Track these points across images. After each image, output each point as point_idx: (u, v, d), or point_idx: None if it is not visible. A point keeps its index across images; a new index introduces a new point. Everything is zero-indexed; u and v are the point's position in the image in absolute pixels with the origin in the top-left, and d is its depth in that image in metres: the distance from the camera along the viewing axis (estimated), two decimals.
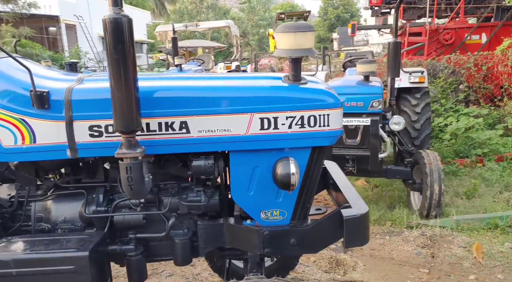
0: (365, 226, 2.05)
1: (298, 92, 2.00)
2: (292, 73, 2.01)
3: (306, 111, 1.97)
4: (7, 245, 1.85)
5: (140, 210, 2.11)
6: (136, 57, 1.76)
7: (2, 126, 1.87)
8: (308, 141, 2.01)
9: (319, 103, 1.98)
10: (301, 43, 1.92)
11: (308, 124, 1.98)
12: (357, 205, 2.12)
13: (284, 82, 2.03)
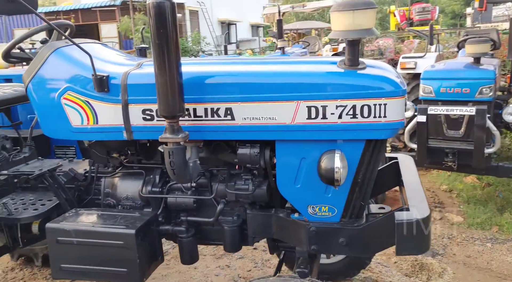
0: (423, 232, 1.80)
1: (351, 78, 1.81)
2: (348, 57, 1.83)
3: (359, 100, 1.78)
4: (72, 216, 2.06)
5: (191, 193, 2.16)
6: (179, 42, 1.77)
7: (72, 107, 2.05)
8: (360, 133, 1.82)
9: (374, 91, 1.77)
10: (359, 23, 1.73)
11: (361, 114, 1.79)
12: (417, 207, 1.87)
13: (339, 67, 1.86)
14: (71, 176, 2.33)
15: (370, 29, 1.76)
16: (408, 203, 1.93)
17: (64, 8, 20.96)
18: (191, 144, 2.02)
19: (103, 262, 1.96)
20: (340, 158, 1.76)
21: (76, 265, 1.99)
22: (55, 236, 1.97)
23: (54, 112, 2.07)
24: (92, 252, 1.96)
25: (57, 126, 2.10)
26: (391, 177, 2.47)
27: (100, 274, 1.98)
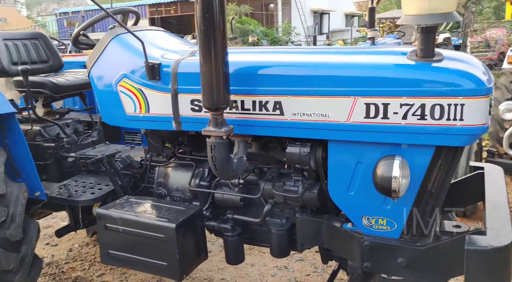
0: (499, 263, 1.47)
1: (420, 72, 1.54)
2: (421, 47, 1.55)
3: (429, 98, 1.50)
4: (122, 204, 2.07)
5: (238, 191, 2.03)
6: (226, 29, 1.64)
7: (127, 95, 2.04)
8: (429, 138, 1.54)
9: (449, 88, 1.47)
10: (436, 6, 1.45)
11: (431, 115, 1.51)
12: (496, 231, 1.54)
13: (409, 59, 1.58)
14: (127, 163, 2.35)
15: (450, 13, 1.47)
16: (487, 225, 1.60)
17: (166, 0, 22.11)
18: (238, 139, 1.89)
19: (146, 253, 1.93)
20: (400, 166, 1.50)
21: (121, 252, 1.99)
22: (104, 222, 1.99)
23: (111, 99, 2.09)
24: (136, 242, 1.94)
25: (113, 112, 2.12)
26: (474, 190, 2.10)
27: (143, 265, 1.96)
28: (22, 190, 2.09)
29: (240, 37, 14.15)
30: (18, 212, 2.03)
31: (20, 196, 2.06)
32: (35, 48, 2.73)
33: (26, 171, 2.22)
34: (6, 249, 1.96)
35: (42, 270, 3.18)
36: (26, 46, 2.69)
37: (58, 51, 2.89)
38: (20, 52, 2.65)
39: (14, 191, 2.06)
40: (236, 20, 17.17)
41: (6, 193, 2.00)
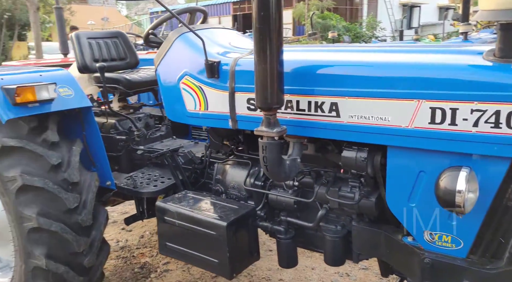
0: None
1: (496, 74, 1.36)
2: (500, 46, 1.38)
3: (506, 104, 1.32)
4: (180, 198, 2.13)
5: (292, 193, 1.98)
6: (282, 28, 1.59)
7: (188, 92, 2.09)
8: (504, 148, 1.36)
9: None
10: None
11: (507, 123, 1.33)
12: None
13: (485, 59, 1.41)
14: (188, 158, 2.42)
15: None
16: None
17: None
18: (293, 140, 1.84)
19: (198, 248, 1.97)
20: (466, 178, 1.34)
21: (177, 245, 2.05)
22: (162, 215, 2.06)
23: (174, 96, 2.15)
24: (190, 237, 1.99)
25: (175, 109, 2.18)
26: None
27: (196, 260, 1.99)
28: (94, 179, 2.24)
29: (320, 32, 13.90)
30: (89, 199, 2.18)
31: (92, 184, 2.21)
32: (115, 46, 2.92)
33: (99, 161, 2.38)
34: (78, 233, 2.12)
35: (116, 252, 3.44)
36: (107, 44, 2.88)
37: (135, 49, 3.06)
38: (102, 50, 2.85)
39: (87, 180, 2.21)
40: (317, 15, 16.92)
41: (80, 181, 2.15)
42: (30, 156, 2.02)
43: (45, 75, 2.16)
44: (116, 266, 3.24)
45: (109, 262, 3.30)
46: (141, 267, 3.20)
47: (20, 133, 2.05)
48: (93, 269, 2.24)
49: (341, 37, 18.39)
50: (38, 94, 2.00)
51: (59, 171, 2.08)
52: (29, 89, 1.97)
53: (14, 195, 1.99)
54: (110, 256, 3.38)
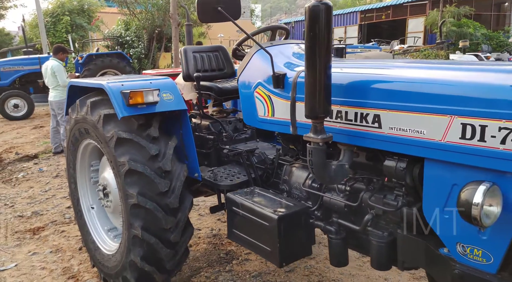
0: None
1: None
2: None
3: None
4: (247, 192, 2.43)
5: (343, 196, 2.13)
6: (331, 45, 1.78)
7: (260, 100, 2.40)
8: None
9: None
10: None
11: None
12: None
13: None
14: (261, 158, 2.71)
15: None
16: None
17: (378, 5, 22.01)
18: (343, 147, 2.01)
19: (256, 237, 2.24)
20: (484, 192, 1.38)
21: (240, 232, 2.35)
22: (230, 205, 2.39)
23: (249, 103, 2.47)
24: (250, 225, 2.27)
25: (250, 115, 2.50)
26: None
27: (254, 246, 2.27)
28: (183, 169, 2.68)
29: (454, 41, 12.97)
30: (178, 186, 2.62)
31: (181, 174, 2.65)
32: (215, 59, 3.38)
33: (190, 156, 2.82)
34: (166, 213, 2.57)
35: (209, 239, 3.90)
36: (209, 57, 3.36)
37: (232, 61, 3.48)
38: (204, 62, 3.33)
39: (178, 170, 2.66)
40: (451, 23, 15.79)
41: (172, 170, 2.61)
42: (136, 146, 2.54)
43: (154, 82, 2.68)
44: (206, 249, 3.70)
45: (201, 245, 3.79)
46: (226, 253, 3.60)
47: (131, 128, 2.58)
48: (178, 244, 2.68)
49: (479, 46, 16.85)
50: (146, 98, 2.50)
51: (156, 160, 2.56)
52: (139, 94, 2.48)
53: (123, 176, 2.52)
54: (203, 241, 3.88)
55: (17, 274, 3.44)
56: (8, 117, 12.32)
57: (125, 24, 18.28)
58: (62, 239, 4.09)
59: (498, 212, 1.41)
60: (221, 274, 3.26)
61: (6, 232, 4.33)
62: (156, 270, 2.65)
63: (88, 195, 3.32)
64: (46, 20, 22.58)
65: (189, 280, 3.20)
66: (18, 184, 6.10)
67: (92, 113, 2.69)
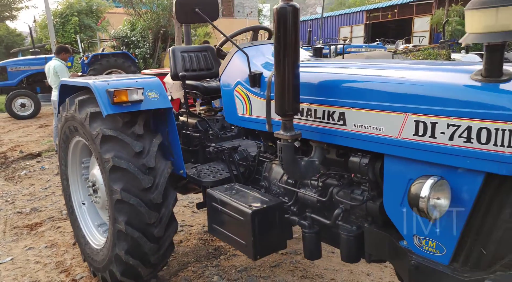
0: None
1: (470, 93, 1.44)
2: (486, 67, 1.45)
3: (476, 121, 1.40)
4: (227, 188, 2.51)
5: (315, 192, 2.20)
6: (298, 46, 1.84)
7: (239, 98, 2.47)
8: (475, 163, 1.43)
9: (497, 112, 1.35)
10: (505, 24, 1.35)
11: (478, 139, 1.40)
12: None
13: (472, 78, 1.49)
14: (244, 156, 2.79)
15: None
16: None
17: (384, 4, 21.95)
18: (314, 144, 2.08)
19: (233, 231, 2.32)
20: (431, 186, 1.44)
21: (219, 227, 2.43)
22: (210, 200, 2.47)
23: (230, 101, 2.55)
24: (227, 220, 2.35)
25: (231, 113, 2.58)
26: None
27: (231, 240, 2.35)
28: (167, 166, 2.76)
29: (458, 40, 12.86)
30: (161, 182, 2.70)
31: (165, 171, 2.74)
32: (204, 59, 3.46)
33: (175, 153, 2.90)
34: (150, 208, 2.65)
35: (199, 235, 3.99)
36: (197, 56, 3.44)
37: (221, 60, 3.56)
38: (192, 62, 3.41)
39: (162, 166, 2.74)
40: (457, 22, 15.72)
41: (155, 167, 2.69)
42: (121, 143, 2.62)
43: (139, 81, 2.76)
44: (196, 245, 3.79)
45: (192, 241, 3.87)
46: (215, 249, 3.68)
47: (116, 125, 2.66)
48: (162, 239, 2.76)
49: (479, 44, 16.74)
50: (130, 96, 2.59)
51: (140, 157, 2.64)
52: (123, 92, 2.56)
53: (108, 172, 2.61)
54: (194, 237, 3.96)
55: (12, 267, 3.56)
56: (15, 116, 12.55)
57: (131, 24, 18.48)
58: (57, 234, 4.20)
59: (446, 205, 1.47)
60: (208, 268, 3.34)
61: (5, 228, 4.46)
62: (140, 263, 2.73)
63: (80, 191, 3.42)
64: (55, 21, 22.86)
65: (176, 274, 3.29)
66: (20, 182, 6.25)
67: (80, 112, 2.79)
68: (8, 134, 10.40)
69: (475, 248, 1.53)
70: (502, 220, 1.47)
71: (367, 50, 15.24)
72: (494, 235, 1.49)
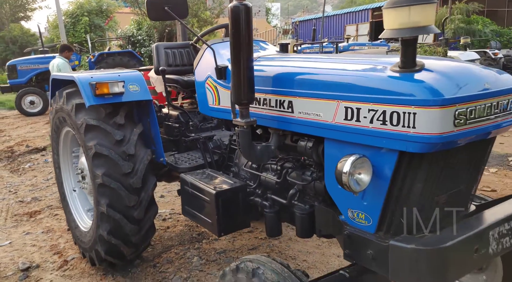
0: (420, 263, 1.50)
1: (384, 82, 1.65)
2: (401, 59, 1.64)
3: (389, 106, 1.60)
4: (198, 173, 2.72)
5: (274, 175, 2.40)
6: (252, 41, 2.03)
7: (209, 90, 2.69)
8: (389, 142, 1.63)
9: (404, 98, 1.55)
10: (416, 20, 1.55)
11: (391, 121, 1.60)
12: (437, 237, 1.52)
13: (391, 69, 1.69)
14: (217, 144, 3.01)
15: (428, 26, 1.54)
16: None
17: None
18: (272, 131, 2.29)
19: (201, 211, 2.53)
20: (352, 163, 1.64)
21: (190, 208, 2.65)
22: (183, 184, 2.69)
23: (202, 93, 2.77)
24: (197, 201, 2.56)
25: (203, 104, 2.79)
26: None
27: (200, 219, 2.56)
28: (147, 154, 2.98)
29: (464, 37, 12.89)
30: (141, 169, 2.92)
31: (144, 158, 2.96)
32: (186, 54, 3.68)
33: (156, 142, 3.13)
34: (129, 192, 2.88)
35: (186, 221, 4.21)
36: (180, 53, 3.66)
37: None
38: (175, 57, 3.63)
39: (141, 154, 2.96)
40: (459, 20, 15.73)
41: (135, 154, 2.92)
42: (103, 132, 2.86)
43: (122, 75, 2.99)
44: (182, 231, 4.02)
45: (178, 227, 4.11)
46: (199, 234, 3.91)
47: (99, 116, 2.90)
48: (142, 221, 2.99)
49: (487, 43, 16.71)
50: (111, 89, 2.82)
51: (121, 145, 2.87)
52: (105, 85, 2.80)
53: (91, 159, 2.85)
54: (181, 224, 4.20)
55: (10, 250, 3.82)
56: (24, 113, 12.94)
57: (137, 23, 18.80)
58: (54, 221, 4.47)
59: (367, 179, 1.67)
60: (189, 250, 3.57)
61: (7, 215, 4.75)
62: (122, 243, 2.97)
63: (71, 179, 3.67)
64: (66, 21, 23.35)
65: (159, 255, 3.52)
66: (24, 174, 6.55)
67: (67, 103, 3.03)
68: (16, 130, 10.76)
69: (395, 218, 1.73)
70: (414, 192, 1.67)
71: (370, 48, 15.32)
72: (409, 205, 1.69)
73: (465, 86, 1.52)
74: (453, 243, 1.48)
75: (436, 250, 1.47)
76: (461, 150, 1.72)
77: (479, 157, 1.86)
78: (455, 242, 1.49)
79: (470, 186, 1.91)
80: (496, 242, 1.62)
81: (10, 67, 13.31)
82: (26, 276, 3.33)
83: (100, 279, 3.21)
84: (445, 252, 1.47)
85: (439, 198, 1.78)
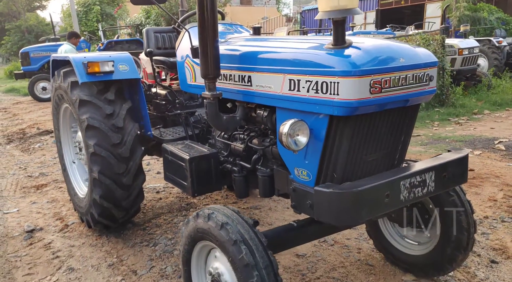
0: (337, 204, 1.86)
1: (317, 57, 1.94)
2: (333, 37, 1.93)
3: (319, 77, 1.90)
4: (178, 144, 3.04)
5: (241, 143, 2.71)
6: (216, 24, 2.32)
7: (188, 69, 3.00)
8: (321, 108, 1.92)
9: (329, 69, 1.85)
10: (344, 4, 1.83)
11: (321, 90, 1.89)
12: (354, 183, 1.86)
13: (325, 47, 1.97)
14: (198, 119, 3.32)
15: (354, 9, 1.82)
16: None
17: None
18: (238, 103, 2.59)
19: (178, 175, 2.86)
20: (290, 125, 1.94)
21: (171, 174, 2.98)
22: (165, 153, 3.01)
23: (182, 72, 3.08)
24: (175, 167, 2.89)
25: (183, 81, 3.10)
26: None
27: (177, 183, 2.89)
28: (135, 127, 3.31)
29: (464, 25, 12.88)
30: (129, 140, 3.24)
31: (132, 130, 3.28)
32: (174, 38, 3.98)
33: (144, 117, 3.46)
34: (119, 160, 3.21)
35: (178, 194, 4.56)
36: (169, 36, 3.96)
37: None
38: (164, 41, 3.94)
39: (130, 127, 3.28)
40: (465, 8, 15.63)
41: (124, 126, 3.24)
42: (95, 107, 3.19)
43: (112, 56, 3.31)
44: (172, 201, 4.37)
45: (170, 199, 4.46)
46: (187, 204, 4.26)
47: (91, 92, 3.23)
48: (131, 187, 3.33)
49: (493, 31, 16.59)
50: (102, 68, 3.14)
51: (111, 118, 3.21)
52: (96, 64, 3.12)
53: (84, 131, 3.19)
54: (173, 195, 4.55)
55: (17, 216, 4.23)
56: (37, 98, 13.43)
57: (145, 12, 19.10)
58: (59, 193, 4.87)
59: (305, 140, 1.97)
60: (176, 217, 3.92)
61: (16, 188, 5.16)
62: (114, 207, 3.32)
63: (70, 152, 4.04)
64: (78, 10, 23.76)
65: (149, 221, 3.88)
66: (34, 153, 6.97)
67: (64, 81, 3.37)
68: (29, 114, 11.24)
69: (329, 173, 2.03)
70: (343, 151, 1.97)
71: (375, 36, 15.39)
72: (340, 162, 1.99)
73: (381, 60, 1.80)
74: (365, 188, 1.79)
75: (350, 193, 1.78)
76: (384, 116, 2.01)
77: (402, 123, 2.15)
78: (367, 187, 1.80)
79: (395, 148, 2.20)
80: (408, 191, 1.92)
81: (23, 54, 13.77)
82: (30, 236, 3.72)
83: (95, 239, 3.58)
84: (358, 194, 1.78)
85: (367, 157, 2.08)
